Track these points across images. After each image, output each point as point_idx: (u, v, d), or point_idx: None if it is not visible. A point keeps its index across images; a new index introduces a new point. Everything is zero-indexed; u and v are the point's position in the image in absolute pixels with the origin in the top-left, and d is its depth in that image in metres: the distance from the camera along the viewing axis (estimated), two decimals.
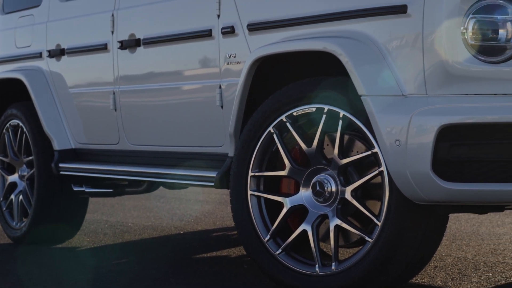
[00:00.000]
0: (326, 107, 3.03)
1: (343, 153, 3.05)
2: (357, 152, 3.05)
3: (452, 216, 5.33)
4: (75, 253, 4.34)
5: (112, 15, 4.02)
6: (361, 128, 2.94)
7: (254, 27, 3.34)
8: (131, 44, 3.90)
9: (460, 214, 5.40)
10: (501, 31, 2.73)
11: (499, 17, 2.72)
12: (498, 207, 2.88)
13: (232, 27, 3.42)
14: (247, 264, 3.91)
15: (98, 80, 4.17)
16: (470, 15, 2.73)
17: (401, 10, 2.82)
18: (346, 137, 3.07)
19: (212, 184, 3.44)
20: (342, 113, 2.99)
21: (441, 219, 2.96)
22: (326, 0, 3.09)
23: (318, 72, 3.24)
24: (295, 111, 3.12)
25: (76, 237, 4.80)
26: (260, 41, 3.29)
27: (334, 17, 3.04)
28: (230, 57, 3.44)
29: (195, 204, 6.49)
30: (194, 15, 3.61)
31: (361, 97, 2.87)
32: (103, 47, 4.07)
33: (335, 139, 3.04)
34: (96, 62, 4.14)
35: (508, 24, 2.73)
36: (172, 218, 5.66)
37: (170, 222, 5.48)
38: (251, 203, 3.24)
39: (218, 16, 3.49)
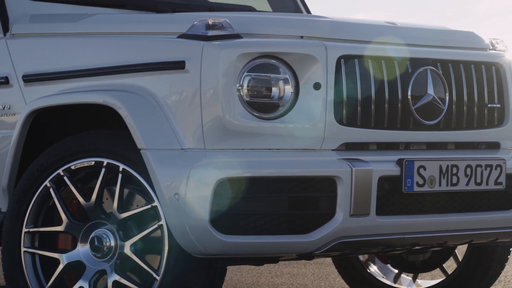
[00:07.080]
0: (106, 161, 2.99)
1: (123, 207, 3.02)
2: (137, 206, 3.03)
3: (234, 267, 5.43)
4: None
5: None
6: (141, 182, 2.93)
7: (30, 79, 3.25)
8: None
9: (242, 265, 5.51)
10: (274, 89, 2.86)
11: (272, 75, 2.86)
12: (273, 259, 2.97)
13: (6, 78, 3.31)
14: None
15: None
16: (245, 73, 2.84)
17: (179, 66, 2.87)
18: (126, 191, 3.04)
19: None
20: (121, 166, 2.96)
21: (219, 272, 3.00)
22: (106, 54, 3.08)
23: (102, 125, 3.21)
24: (73, 165, 3.06)
25: None
26: (37, 93, 3.21)
27: (115, 71, 3.03)
28: (4, 108, 3.33)
29: None
30: None
31: (140, 151, 2.87)
32: None
33: (114, 193, 3.00)
34: None
35: (281, 82, 2.87)
36: None
37: None
38: (25, 260, 3.11)
39: None
